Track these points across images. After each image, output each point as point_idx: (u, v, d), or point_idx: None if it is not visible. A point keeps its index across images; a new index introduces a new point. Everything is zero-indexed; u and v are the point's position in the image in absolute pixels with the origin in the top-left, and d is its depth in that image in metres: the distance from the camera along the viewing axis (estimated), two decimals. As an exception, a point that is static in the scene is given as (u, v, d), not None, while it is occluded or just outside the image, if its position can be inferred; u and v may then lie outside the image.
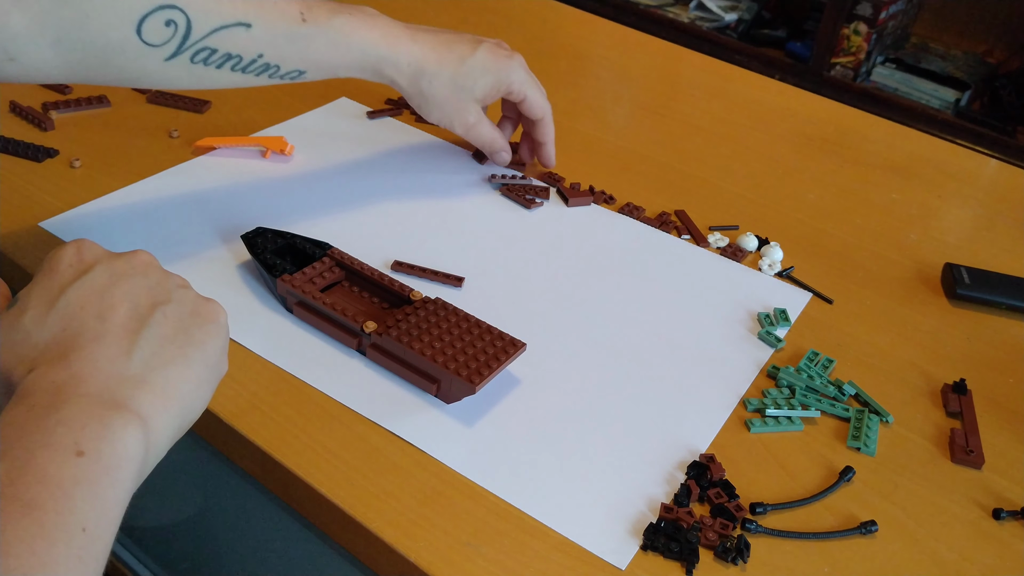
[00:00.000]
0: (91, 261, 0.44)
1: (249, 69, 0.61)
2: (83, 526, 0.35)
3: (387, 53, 0.67)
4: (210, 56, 0.58)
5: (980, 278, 0.71)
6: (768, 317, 0.65)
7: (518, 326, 0.60)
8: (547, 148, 0.78)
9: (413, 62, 0.68)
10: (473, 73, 0.70)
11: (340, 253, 0.62)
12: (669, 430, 0.55)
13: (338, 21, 0.63)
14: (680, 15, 2.62)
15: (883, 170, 0.89)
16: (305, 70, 0.64)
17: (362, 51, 0.66)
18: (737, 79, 1.06)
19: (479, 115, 0.74)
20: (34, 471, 0.35)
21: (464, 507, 0.49)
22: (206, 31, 0.57)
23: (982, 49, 2.42)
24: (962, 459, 0.56)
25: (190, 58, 0.58)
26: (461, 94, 0.71)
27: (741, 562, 0.47)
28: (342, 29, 0.64)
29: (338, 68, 0.66)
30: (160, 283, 0.44)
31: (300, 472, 0.50)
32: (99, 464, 0.36)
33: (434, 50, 0.69)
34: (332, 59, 0.64)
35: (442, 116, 0.72)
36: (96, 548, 0.35)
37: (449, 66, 0.70)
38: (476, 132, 0.74)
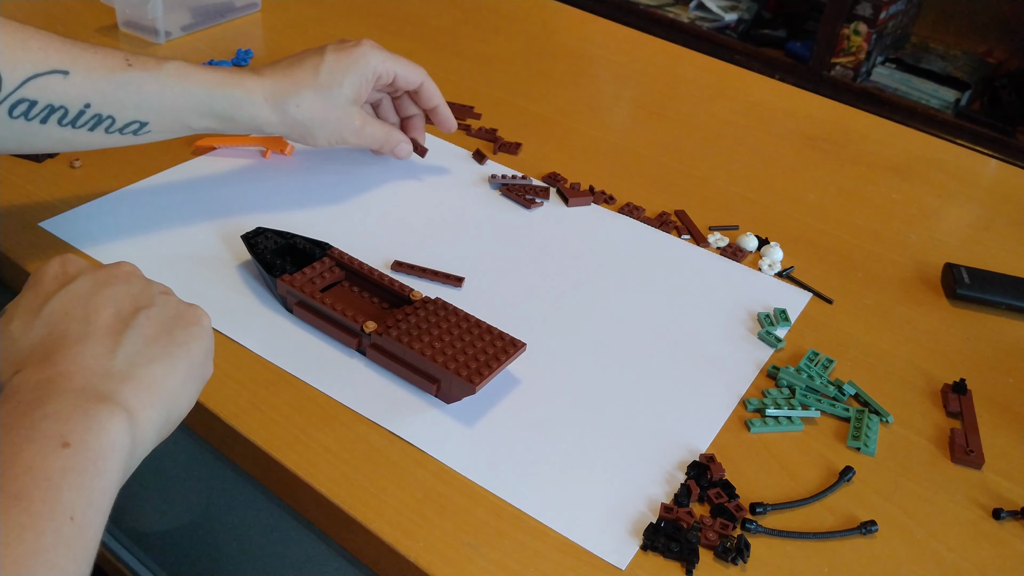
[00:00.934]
0: (74, 272, 0.45)
1: (80, 123, 0.58)
2: (71, 515, 0.35)
3: (236, 91, 0.63)
4: (30, 109, 0.55)
5: (980, 278, 0.71)
6: (768, 317, 0.65)
7: (518, 326, 0.60)
8: (440, 110, 0.75)
9: (270, 94, 0.64)
10: (334, 76, 0.66)
11: (340, 253, 0.62)
12: (669, 430, 0.55)
13: (169, 66, 0.60)
14: (680, 15, 2.62)
15: (883, 170, 0.89)
16: (146, 121, 0.60)
17: (206, 92, 0.61)
18: (737, 79, 1.06)
19: (362, 116, 0.70)
20: (21, 463, 0.35)
21: (464, 507, 0.49)
22: (18, 81, 0.54)
23: (982, 49, 2.41)
24: (962, 459, 0.56)
25: (8, 113, 0.55)
26: (333, 103, 0.67)
27: (741, 562, 0.47)
28: (175, 73, 0.60)
29: (184, 114, 0.61)
30: (142, 289, 0.45)
31: (300, 472, 0.50)
32: (85, 455, 0.37)
33: (284, 74, 0.65)
34: (173, 105, 0.60)
35: (329, 134, 0.68)
36: (85, 537, 0.36)
37: (308, 81, 0.66)
38: (368, 134, 0.70)
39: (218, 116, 0.63)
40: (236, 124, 0.64)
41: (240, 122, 0.64)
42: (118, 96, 0.58)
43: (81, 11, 0.99)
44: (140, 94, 0.59)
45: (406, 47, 1.01)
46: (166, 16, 0.94)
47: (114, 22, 0.96)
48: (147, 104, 0.60)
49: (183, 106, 0.61)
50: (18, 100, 0.55)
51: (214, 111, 0.62)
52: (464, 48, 1.03)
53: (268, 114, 0.64)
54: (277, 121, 0.65)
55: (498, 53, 1.03)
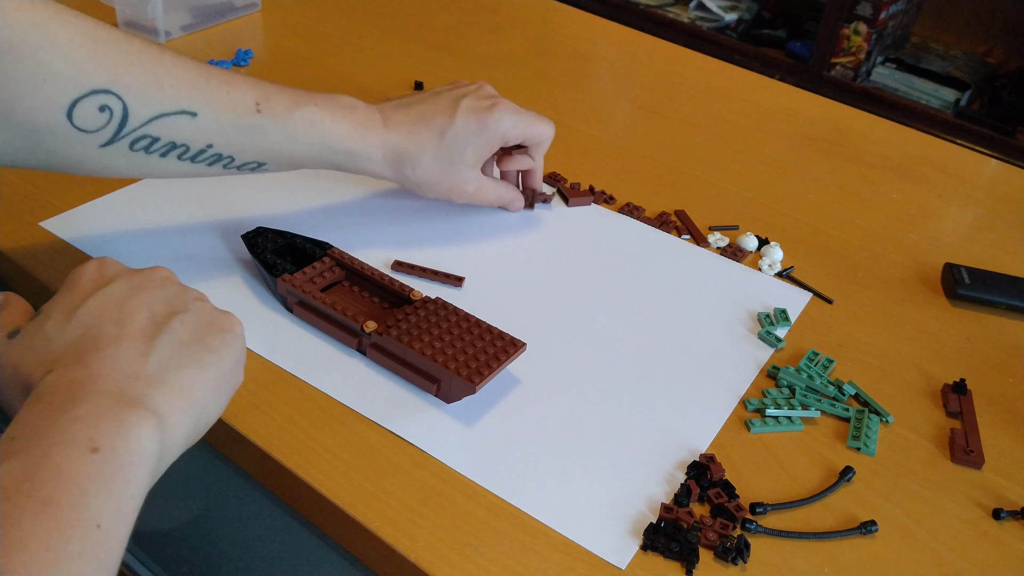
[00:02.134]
0: (111, 275, 0.46)
1: (199, 159, 0.57)
2: (98, 523, 0.35)
3: (357, 147, 0.62)
4: (152, 144, 0.55)
5: (980, 278, 0.71)
6: (768, 317, 0.65)
7: (518, 326, 0.60)
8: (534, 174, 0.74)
9: (389, 152, 0.63)
10: (459, 143, 0.65)
11: (340, 253, 0.62)
12: (669, 430, 0.55)
13: (300, 114, 0.59)
14: (680, 15, 2.62)
15: (883, 170, 0.89)
16: (265, 162, 0.60)
17: (327, 147, 0.61)
18: (737, 79, 1.06)
19: (478, 180, 0.68)
20: (49, 468, 0.35)
21: (464, 507, 0.49)
22: (145, 118, 0.53)
23: (982, 49, 2.42)
24: (962, 459, 0.56)
25: (129, 146, 0.54)
26: (451, 168, 0.65)
27: (741, 562, 0.47)
28: (302, 122, 0.59)
29: (304, 160, 0.61)
30: (177, 295, 0.45)
31: (300, 472, 0.50)
32: (114, 461, 0.36)
33: (410, 132, 0.63)
34: (292, 152, 0.60)
35: (439, 194, 0.67)
36: (111, 545, 0.35)
37: (430, 146, 0.64)
38: (480, 198, 0.69)
39: (337, 164, 0.63)
40: (357, 171, 0.64)
41: (361, 172, 0.64)
42: (242, 140, 0.58)
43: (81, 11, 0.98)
44: (265, 141, 0.58)
45: (406, 47, 1.01)
46: (166, 16, 0.93)
47: (114, 22, 0.96)
48: (269, 149, 0.59)
49: (303, 155, 0.61)
50: (142, 136, 0.54)
51: (331, 162, 0.62)
52: (464, 48, 1.03)
53: (383, 171, 0.64)
54: (392, 176, 0.65)
55: (498, 53, 1.03)
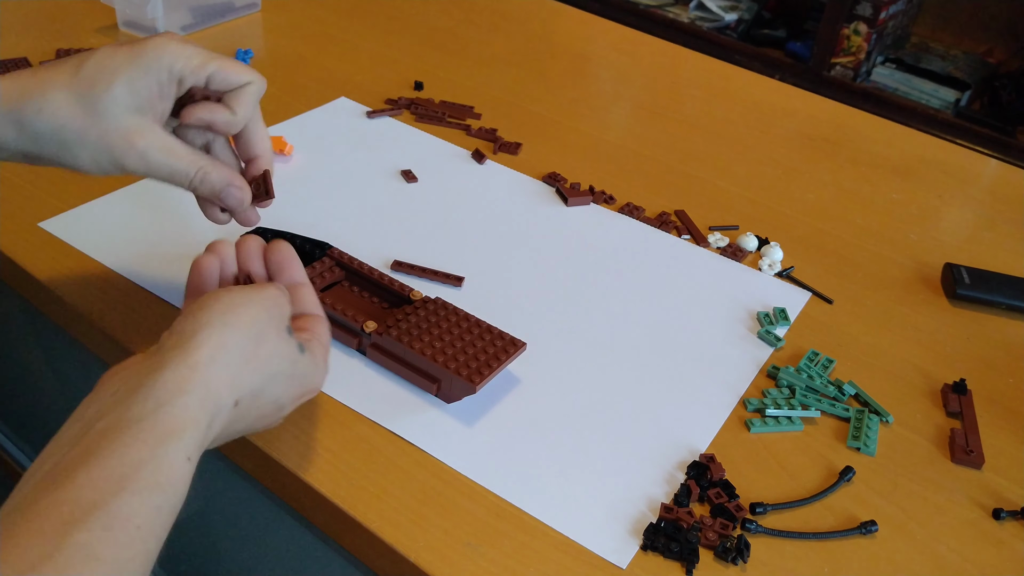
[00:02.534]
0: (319, 372, 0.47)
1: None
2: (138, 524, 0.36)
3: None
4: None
5: (980, 278, 0.71)
6: (768, 316, 0.65)
7: (518, 326, 0.60)
8: (257, 142, 0.53)
9: (4, 101, 0.46)
10: (102, 73, 0.47)
11: (340, 253, 0.62)
12: (669, 430, 0.55)
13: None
14: (680, 15, 2.62)
15: (883, 170, 0.89)
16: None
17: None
18: (737, 79, 1.06)
19: (152, 134, 0.48)
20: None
21: (464, 507, 0.49)
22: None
23: (982, 49, 2.41)
24: (962, 459, 0.56)
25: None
26: (97, 109, 0.47)
27: (741, 562, 0.47)
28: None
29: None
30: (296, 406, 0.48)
31: (300, 472, 0.50)
32: (163, 494, 0.37)
33: (32, 72, 0.48)
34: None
35: (95, 155, 0.48)
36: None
37: (60, 80, 0.47)
38: (164, 163, 0.49)
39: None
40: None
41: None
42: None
43: (81, 11, 0.99)
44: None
45: (406, 47, 1.01)
46: (166, 16, 0.94)
47: (114, 22, 0.96)
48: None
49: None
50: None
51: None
52: (464, 48, 1.03)
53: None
54: (13, 137, 0.47)
55: (498, 53, 1.03)
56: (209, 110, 0.49)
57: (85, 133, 0.47)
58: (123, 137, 0.47)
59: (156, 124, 0.49)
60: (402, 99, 0.89)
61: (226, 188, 0.51)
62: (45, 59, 0.87)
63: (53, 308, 0.61)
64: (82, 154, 0.48)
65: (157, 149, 0.48)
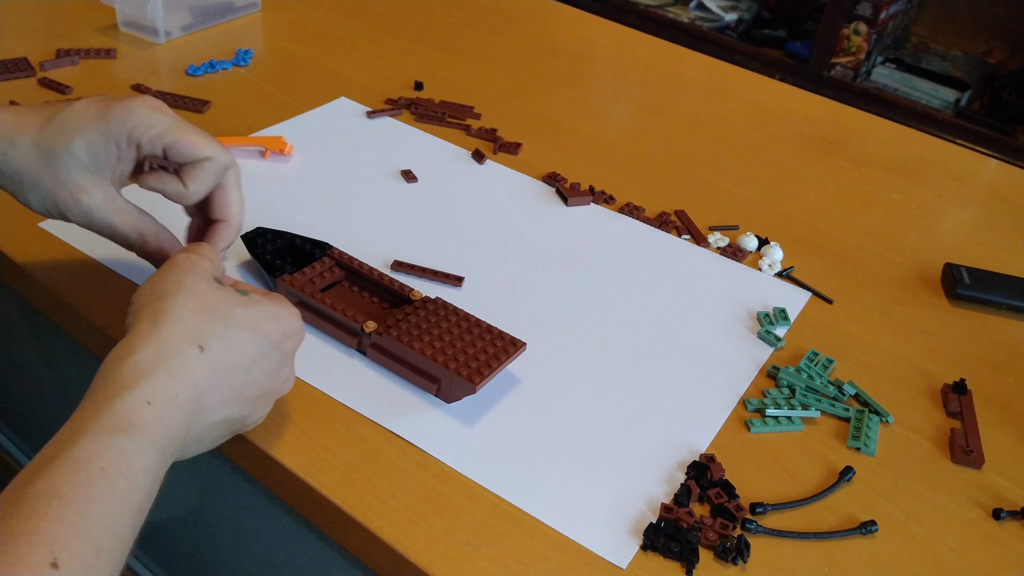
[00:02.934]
0: (287, 350, 0.49)
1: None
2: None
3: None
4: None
5: (980, 278, 0.71)
6: (768, 316, 0.65)
7: (518, 326, 0.60)
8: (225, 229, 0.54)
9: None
10: (67, 128, 0.50)
11: (340, 253, 0.62)
12: (669, 430, 0.55)
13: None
14: (680, 15, 2.62)
15: (883, 170, 0.89)
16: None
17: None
18: (737, 79, 1.06)
19: (99, 194, 0.51)
20: (152, 474, 0.39)
21: (464, 507, 0.49)
22: None
23: (982, 49, 2.41)
24: (962, 459, 0.56)
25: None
26: (55, 162, 0.50)
27: (741, 562, 0.47)
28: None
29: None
30: (276, 394, 0.49)
31: (300, 472, 0.50)
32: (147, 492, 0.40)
33: (16, 115, 0.51)
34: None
35: (43, 200, 0.51)
36: None
37: (32, 126, 0.50)
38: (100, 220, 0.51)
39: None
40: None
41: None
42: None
43: (81, 11, 0.99)
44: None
45: (406, 47, 1.01)
46: (166, 16, 0.94)
47: (114, 22, 0.96)
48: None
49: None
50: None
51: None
52: (464, 48, 1.03)
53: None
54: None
55: (498, 53, 1.03)
56: (160, 180, 0.52)
57: (39, 180, 0.50)
58: (70, 192, 0.50)
59: (108, 184, 0.51)
60: (402, 99, 0.89)
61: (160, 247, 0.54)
62: (45, 59, 0.87)
63: (53, 308, 0.61)
64: (32, 198, 0.51)
65: (101, 208, 0.51)
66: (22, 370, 0.89)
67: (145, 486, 0.38)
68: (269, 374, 0.47)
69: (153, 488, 0.39)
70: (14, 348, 0.87)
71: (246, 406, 0.47)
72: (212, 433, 0.45)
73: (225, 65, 0.91)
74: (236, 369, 0.45)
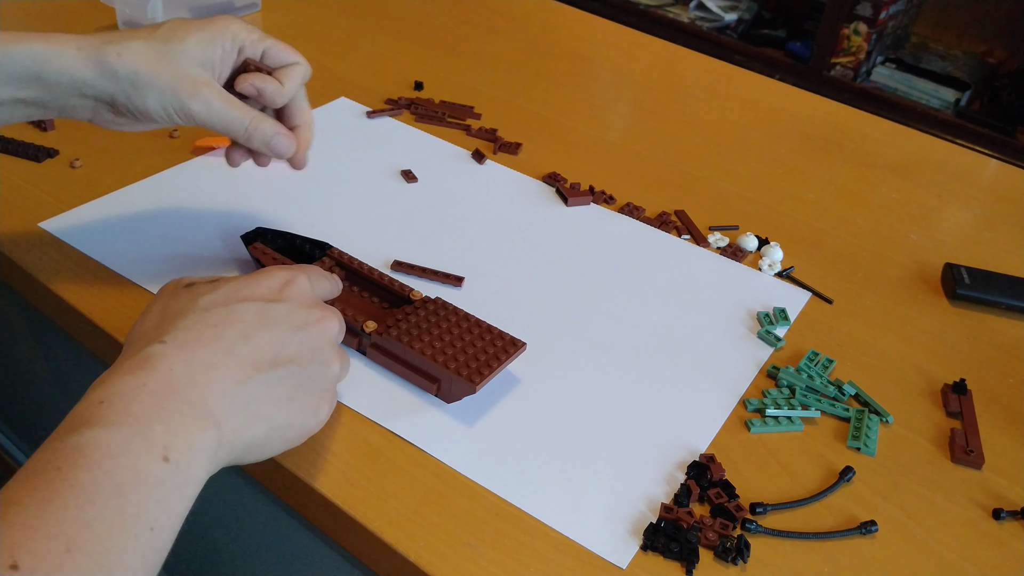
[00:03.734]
0: (288, 296, 0.46)
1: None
2: (152, 526, 0.36)
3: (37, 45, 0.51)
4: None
5: (980, 278, 0.71)
6: (768, 316, 0.65)
7: (518, 326, 0.60)
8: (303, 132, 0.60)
9: (86, 43, 0.52)
10: (176, 32, 0.54)
11: (340, 253, 0.62)
12: (669, 430, 0.55)
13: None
14: (680, 15, 2.62)
15: (883, 170, 0.89)
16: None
17: (3, 52, 0.50)
18: (737, 79, 1.06)
19: (215, 86, 0.54)
20: (129, 457, 0.37)
21: (464, 507, 0.49)
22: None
23: (982, 49, 2.42)
24: (962, 459, 0.56)
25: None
26: (170, 58, 0.53)
27: (741, 562, 0.47)
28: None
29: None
30: (316, 350, 0.46)
31: (300, 472, 0.50)
32: (178, 474, 0.38)
33: (113, 32, 0.54)
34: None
35: (163, 98, 0.53)
36: (157, 550, 0.37)
37: (141, 33, 0.54)
38: (220, 109, 0.54)
39: (20, 79, 0.51)
40: (49, 88, 0.52)
41: (51, 82, 0.51)
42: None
43: (81, 11, 0.99)
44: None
45: (406, 47, 1.01)
46: (166, 16, 0.93)
47: (114, 22, 0.96)
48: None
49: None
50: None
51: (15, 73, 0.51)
52: (464, 48, 1.03)
53: (81, 67, 0.51)
54: (93, 75, 0.52)
55: (498, 53, 1.03)
56: (262, 79, 0.57)
57: (157, 76, 0.52)
58: (191, 83, 0.53)
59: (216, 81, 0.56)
60: (402, 99, 0.89)
61: (275, 136, 0.57)
62: (45, 59, 0.87)
63: (53, 308, 0.61)
64: (151, 96, 0.53)
65: (219, 98, 0.54)
66: (22, 370, 0.89)
67: (118, 470, 0.36)
68: (283, 328, 0.44)
69: (138, 471, 0.36)
70: (14, 348, 0.87)
71: (286, 377, 0.44)
72: (260, 415, 0.43)
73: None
74: (225, 340, 0.42)
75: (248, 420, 0.42)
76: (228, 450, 0.42)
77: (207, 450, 0.40)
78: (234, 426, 0.42)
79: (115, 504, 0.35)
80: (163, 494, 0.37)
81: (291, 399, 0.44)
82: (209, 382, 0.41)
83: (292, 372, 0.44)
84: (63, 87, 0.52)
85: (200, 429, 0.40)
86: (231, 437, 0.42)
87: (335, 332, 0.47)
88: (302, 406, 0.45)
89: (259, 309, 0.45)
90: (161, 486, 0.37)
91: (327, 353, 0.46)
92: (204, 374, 0.41)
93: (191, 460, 0.39)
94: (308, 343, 0.45)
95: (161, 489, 0.37)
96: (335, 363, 0.47)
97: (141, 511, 0.36)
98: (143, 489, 0.36)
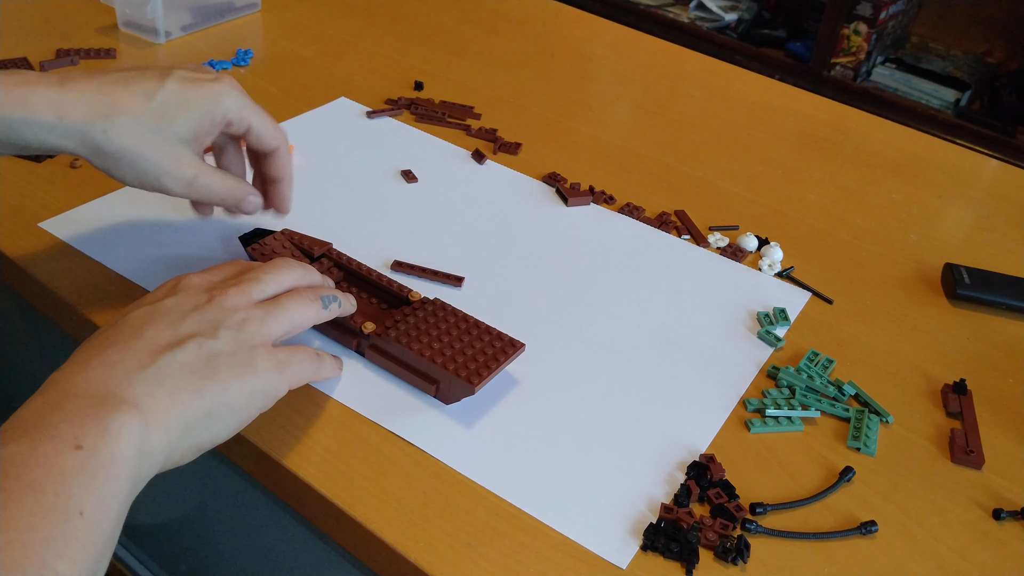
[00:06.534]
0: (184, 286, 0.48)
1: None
2: (80, 510, 0.37)
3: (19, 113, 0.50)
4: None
5: (980, 278, 0.71)
6: (768, 316, 0.65)
7: (518, 326, 0.60)
8: (282, 187, 0.61)
9: (69, 114, 0.51)
10: (168, 110, 0.53)
11: (339, 253, 0.62)
12: (669, 430, 0.55)
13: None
14: (680, 15, 2.62)
15: (883, 170, 0.89)
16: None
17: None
18: (737, 79, 1.06)
19: (198, 164, 0.55)
20: (36, 457, 0.37)
21: (464, 507, 0.49)
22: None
23: (982, 49, 2.42)
24: (962, 459, 0.56)
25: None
26: (159, 139, 0.53)
27: (741, 562, 0.47)
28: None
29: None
30: (215, 321, 0.46)
31: (300, 472, 0.50)
32: (96, 458, 0.38)
33: (100, 92, 0.52)
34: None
35: (144, 175, 0.54)
36: (95, 534, 0.37)
37: (130, 107, 0.52)
38: (202, 186, 0.56)
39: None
40: (27, 148, 0.52)
41: (29, 146, 0.51)
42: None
43: (81, 11, 0.99)
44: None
45: (406, 47, 1.01)
46: (166, 16, 0.94)
47: (114, 22, 0.96)
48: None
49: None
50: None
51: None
52: (464, 48, 1.03)
53: (62, 139, 0.51)
54: (75, 146, 0.52)
55: (498, 53, 1.03)
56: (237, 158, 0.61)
57: (142, 158, 0.53)
58: (175, 165, 0.54)
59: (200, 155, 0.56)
60: (402, 99, 0.89)
61: (247, 198, 0.59)
62: (45, 59, 0.87)
63: (53, 308, 0.61)
64: (128, 172, 0.54)
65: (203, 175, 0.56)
66: (22, 370, 0.89)
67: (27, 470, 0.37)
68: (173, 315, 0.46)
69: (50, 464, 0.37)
70: (14, 348, 0.87)
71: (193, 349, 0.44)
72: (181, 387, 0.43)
73: (225, 65, 0.91)
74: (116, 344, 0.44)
75: (170, 394, 0.42)
76: (165, 427, 0.42)
77: (128, 428, 0.40)
78: (156, 403, 0.42)
79: (31, 499, 0.36)
80: (85, 480, 0.37)
81: (211, 367, 0.44)
82: (112, 377, 0.42)
83: (197, 344, 0.45)
84: (42, 149, 0.52)
85: (111, 411, 0.40)
86: (161, 414, 0.42)
87: (240, 300, 0.48)
88: (230, 369, 0.45)
89: (145, 312, 0.46)
90: (81, 473, 0.37)
91: (234, 317, 0.47)
92: (104, 373, 0.42)
93: (109, 442, 0.39)
94: (206, 317, 0.46)
95: (82, 476, 0.37)
96: (252, 323, 0.47)
97: (62, 499, 0.36)
98: (59, 479, 0.37)
